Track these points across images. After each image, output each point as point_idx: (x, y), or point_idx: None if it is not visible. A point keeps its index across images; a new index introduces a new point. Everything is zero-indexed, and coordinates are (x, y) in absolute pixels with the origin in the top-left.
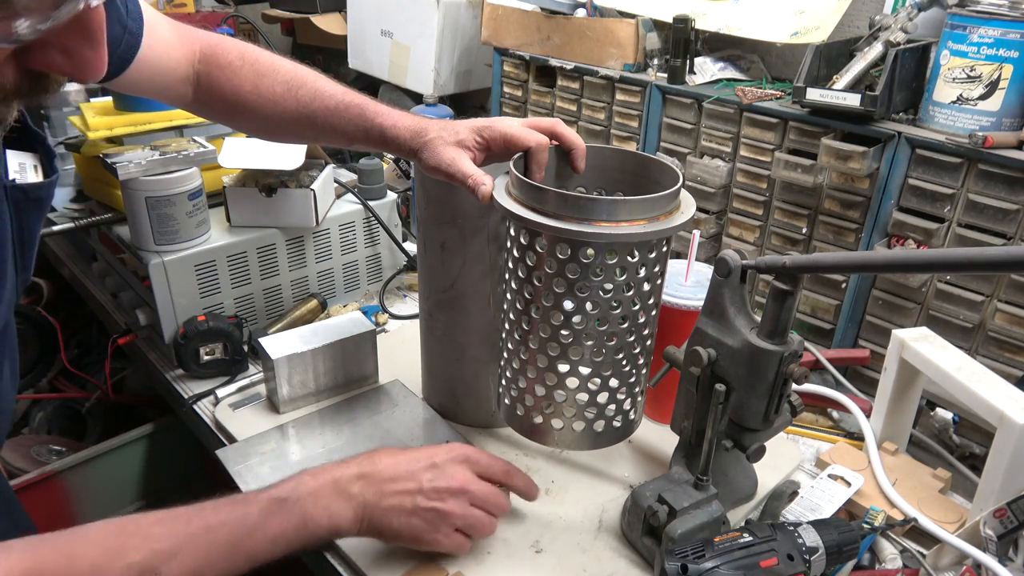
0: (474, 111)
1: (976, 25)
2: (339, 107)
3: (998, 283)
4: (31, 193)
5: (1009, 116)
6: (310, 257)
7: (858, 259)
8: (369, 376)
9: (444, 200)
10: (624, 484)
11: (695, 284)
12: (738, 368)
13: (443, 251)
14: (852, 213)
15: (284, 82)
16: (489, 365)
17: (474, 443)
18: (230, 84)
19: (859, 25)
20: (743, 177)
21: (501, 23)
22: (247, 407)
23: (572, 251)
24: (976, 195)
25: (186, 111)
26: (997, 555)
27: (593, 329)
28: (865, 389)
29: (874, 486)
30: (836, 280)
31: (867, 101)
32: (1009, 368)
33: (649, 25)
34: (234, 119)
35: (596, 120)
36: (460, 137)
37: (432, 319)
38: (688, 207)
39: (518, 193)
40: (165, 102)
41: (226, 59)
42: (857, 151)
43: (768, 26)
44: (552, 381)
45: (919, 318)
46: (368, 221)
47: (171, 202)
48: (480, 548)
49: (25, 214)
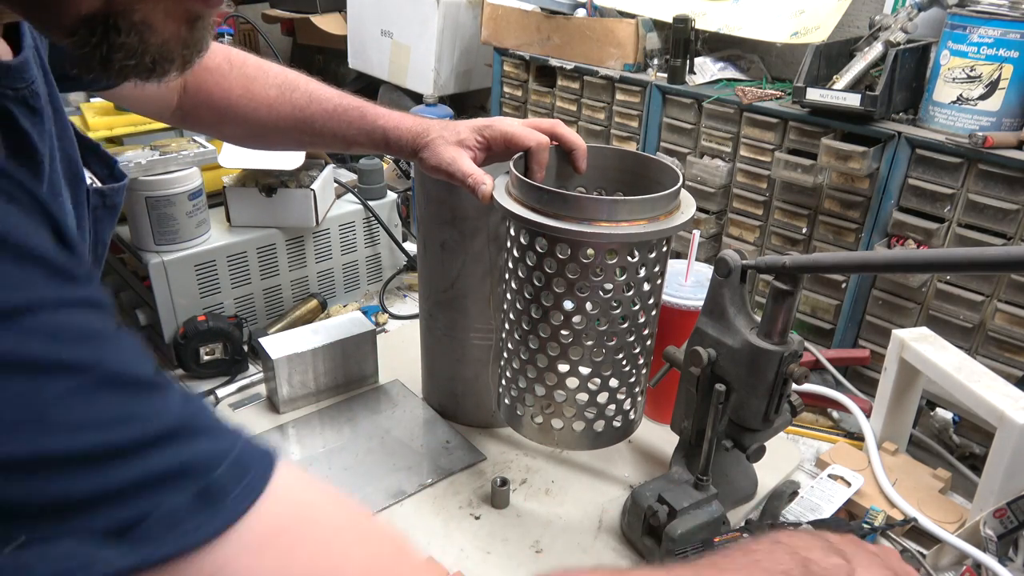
0: (474, 111)
1: (976, 25)
2: (337, 110)
3: (998, 283)
4: (108, 199)
5: (1009, 116)
6: (310, 257)
7: (858, 259)
8: (369, 376)
9: (444, 200)
10: (624, 484)
11: (695, 284)
12: (738, 368)
13: (443, 251)
14: (852, 213)
15: (276, 85)
16: (489, 365)
17: (474, 443)
18: (219, 88)
19: (859, 25)
20: (743, 177)
21: (501, 23)
22: (247, 407)
23: (572, 251)
24: (976, 195)
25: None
26: (997, 555)
27: (593, 329)
28: (865, 389)
29: (874, 486)
30: (836, 280)
31: (867, 101)
32: (1009, 368)
33: (649, 25)
34: (223, 126)
35: (596, 120)
36: (461, 137)
37: (432, 319)
38: (688, 207)
39: (518, 193)
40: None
41: (213, 62)
42: (857, 151)
43: (768, 26)
44: (552, 381)
45: (919, 318)
46: (368, 221)
47: (171, 202)
48: (480, 548)
49: (100, 220)
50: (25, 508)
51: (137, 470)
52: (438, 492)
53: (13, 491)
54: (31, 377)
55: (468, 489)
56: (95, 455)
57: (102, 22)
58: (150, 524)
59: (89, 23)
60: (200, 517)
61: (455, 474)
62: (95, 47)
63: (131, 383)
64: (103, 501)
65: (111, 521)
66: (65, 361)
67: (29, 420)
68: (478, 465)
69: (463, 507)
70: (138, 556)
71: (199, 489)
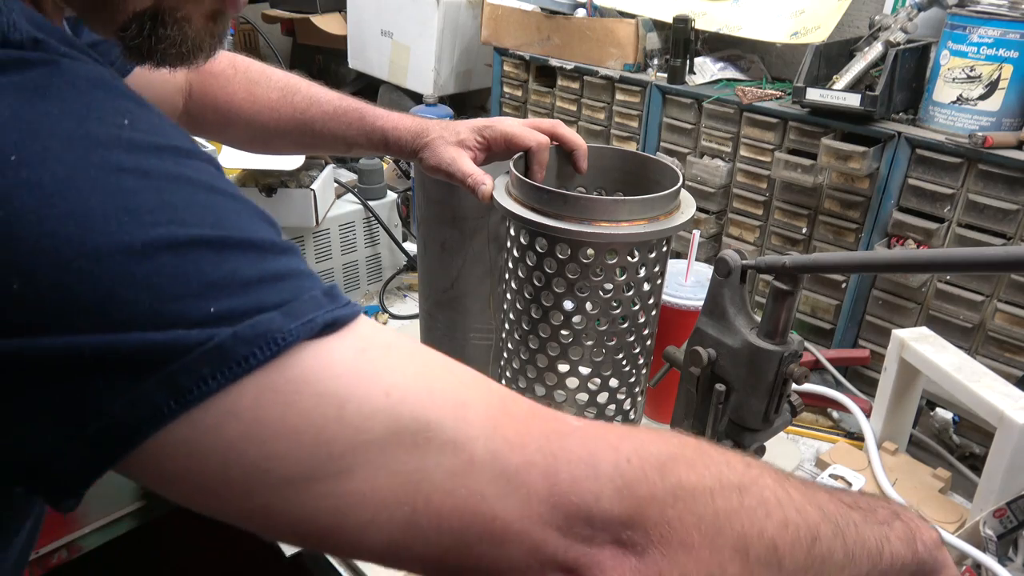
0: (474, 111)
1: (976, 25)
2: (337, 112)
3: (998, 283)
4: None
5: (1009, 116)
6: (310, 257)
7: (858, 259)
8: None
9: (444, 200)
10: None
11: (695, 284)
12: (738, 368)
13: (443, 251)
14: (852, 213)
15: (278, 88)
16: (489, 365)
17: None
18: (223, 92)
19: (859, 25)
20: (743, 177)
21: (501, 23)
22: None
23: (572, 251)
24: (976, 195)
25: None
26: (997, 555)
27: (593, 329)
28: (865, 389)
29: (874, 486)
30: (836, 280)
31: (867, 101)
32: (1009, 368)
33: (649, 25)
34: (227, 129)
35: (596, 120)
36: (461, 137)
37: (432, 319)
38: (688, 207)
39: (518, 193)
40: None
41: (218, 67)
42: (857, 151)
43: (768, 26)
44: (552, 381)
45: (919, 318)
46: (368, 221)
47: None
48: None
49: None
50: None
51: (284, 264)
52: None
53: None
54: (212, 196)
55: None
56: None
57: (151, 18)
58: (303, 302)
59: (139, 18)
60: (331, 306)
61: None
62: (145, 39)
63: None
64: (271, 280)
65: (277, 296)
66: (231, 192)
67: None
68: None
69: None
70: (296, 322)
71: (325, 288)
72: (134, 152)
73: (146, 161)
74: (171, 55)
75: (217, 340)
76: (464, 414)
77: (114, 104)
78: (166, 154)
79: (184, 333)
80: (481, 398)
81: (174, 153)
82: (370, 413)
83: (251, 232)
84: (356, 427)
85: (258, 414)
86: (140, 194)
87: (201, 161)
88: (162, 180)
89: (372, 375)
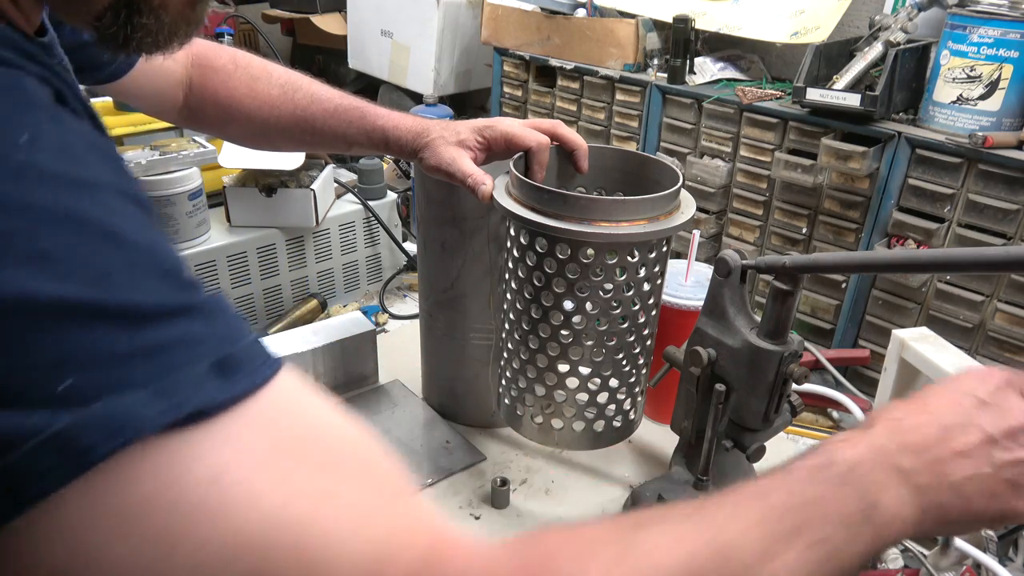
0: (474, 111)
1: (976, 25)
2: (338, 110)
3: (998, 283)
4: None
5: (1009, 116)
6: (310, 257)
7: (858, 259)
8: (369, 376)
9: (444, 200)
10: (624, 484)
11: (695, 284)
12: (738, 368)
13: (443, 251)
14: (852, 213)
15: (280, 85)
16: (489, 365)
17: (474, 443)
18: (224, 88)
19: (859, 25)
20: (743, 177)
21: (501, 23)
22: None
23: (572, 251)
24: (976, 195)
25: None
26: (997, 555)
27: (593, 329)
28: (865, 389)
29: None
30: (836, 280)
31: (867, 101)
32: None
33: (649, 25)
34: (228, 125)
35: (596, 120)
36: (461, 137)
37: (432, 319)
38: (688, 207)
39: (518, 193)
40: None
41: (219, 62)
42: (857, 151)
43: (768, 26)
44: (552, 381)
45: (919, 318)
46: (368, 221)
47: (171, 202)
48: None
49: None
50: (72, 357)
51: (172, 332)
52: (438, 492)
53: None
54: (103, 243)
55: (468, 489)
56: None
57: (127, 5)
58: (178, 379)
59: (115, 8)
60: (217, 382)
61: (455, 474)
62: (120, 28)
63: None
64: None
65: (148, 371)
66: (132, 238)
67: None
68: (478, 465)
69: (463, 507)
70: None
71: (225, 356)
72: (21, 180)
73: (32, 193)
74: (146, 43)
75: (55, 428)
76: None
77: (18, 117)
78: (63, 185)
79: (20, 417)
80: (389, 551)
81: (74, 185)
82: (207, 558)
83: (137, 293)
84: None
85: (81, 535)
86: (6, 236)
87: (111, 195)
88: (43, 219)
89: (231, 499)
